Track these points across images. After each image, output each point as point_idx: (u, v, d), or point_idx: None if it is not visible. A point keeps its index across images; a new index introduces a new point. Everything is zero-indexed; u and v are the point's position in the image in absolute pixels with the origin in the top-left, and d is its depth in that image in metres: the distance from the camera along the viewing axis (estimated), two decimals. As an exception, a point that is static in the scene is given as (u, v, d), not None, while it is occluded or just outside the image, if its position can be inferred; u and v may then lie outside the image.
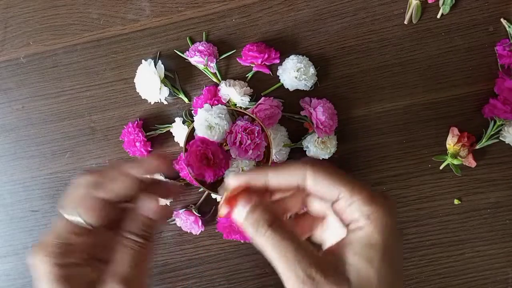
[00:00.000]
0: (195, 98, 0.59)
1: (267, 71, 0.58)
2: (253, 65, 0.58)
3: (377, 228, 0.29)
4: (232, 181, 0.32)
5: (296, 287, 0.28)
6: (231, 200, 0.32)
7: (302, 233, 0.35)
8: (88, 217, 0.34)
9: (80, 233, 0.35)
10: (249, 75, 0.59)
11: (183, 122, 0.58)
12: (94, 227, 0.35)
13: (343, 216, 0.30)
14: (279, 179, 0.32)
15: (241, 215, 0.31)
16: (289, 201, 0.34)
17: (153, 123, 0.60)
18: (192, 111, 0.59)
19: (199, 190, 0.60)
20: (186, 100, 0.59)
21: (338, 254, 0.29)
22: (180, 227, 0.59)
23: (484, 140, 0.57)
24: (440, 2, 0.57)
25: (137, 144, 0.57)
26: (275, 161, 0.57)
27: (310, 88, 0.57)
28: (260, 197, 0.32)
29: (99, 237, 0.37)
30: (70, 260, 0.34)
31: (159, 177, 0.58)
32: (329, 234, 0.34)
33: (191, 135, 0.55)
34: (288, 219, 0.35)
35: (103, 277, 0.34)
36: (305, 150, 0.58)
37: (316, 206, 0.34)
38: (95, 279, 0.34)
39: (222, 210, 0.32)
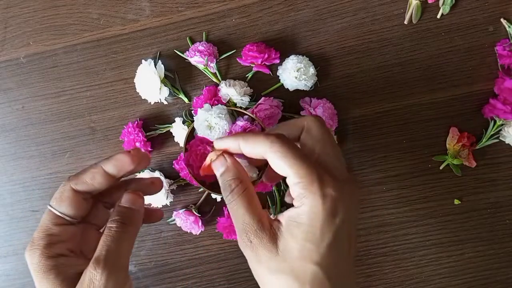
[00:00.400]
0: (195, 98, 0.59)
1: (267, 71, 0.58)
2: (253, 65, 0.58)
3: (306, 211, 0.32)
4: (216, 144, 0.38)
5: (241, 246, 0.34)
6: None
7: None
8: (60, 207, 0.38)
9: (60, 223, 0.38)
10: (249, 75, 0.59)
11: (183, 122, 0.58)
12: (72, 218, 0.38)
13: (291, 192, 0.34)
14: (247, 148, 0.35)
15: (217, 174, 0.37)
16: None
17: (153, 123, 0.60)
18: (192, 111, 0.59)
19: (199, 190, 0.60)
20: (186, 100, 0.59)
21: (280, 223, 0.34)
22: (180, 227, 0.59)
23: (484, 140, 0.57)
24: (440, 2, 0.57)
25: (137, 144, 0.57)
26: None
27: (310, 88, 0.57)
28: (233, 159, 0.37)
29: (86, 233, 0.40)
30: (55, 251, 0.37)
31: (156, 174, 0.58)
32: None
33: (191, 135, 0.55)
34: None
35: None
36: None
37: None
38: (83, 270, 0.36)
39: (204, 170, 0.38)
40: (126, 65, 0.60)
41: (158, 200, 0.58)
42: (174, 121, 0.59)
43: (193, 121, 0.55)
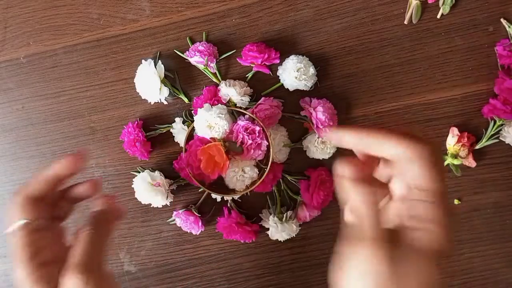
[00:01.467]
0: (195, 98, 0.59)
1: (267, 71, 0.58)
2: (253, 65, 0.58)
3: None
4: (335, 135, 0.34)
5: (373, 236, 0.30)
6: None
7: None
8: (21, 215, 0.38)
9: (32, 230, 0.38)
10: (249, 75, 0.59)
11: (183, 122, 0.58)
12: (37, 220, 0.39)
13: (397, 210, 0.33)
14: (378, 150, 0.32)
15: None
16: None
17: (153, 123, 0.60)
18: (192, 111, 0.59)
19: (199, 190, 0.60)
20: (186, 100, 0.59)
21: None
22: (180, 227, 0.59)
23: (484, 140, 0.57)
24: (440, 2, 0.57)
25: (137, 144, 0.57)
26: (275, 161, 0.57)
27: (310, 88, 0.57)
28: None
29: (61, 238, 0.41)
30: (38, 261, 0.37)
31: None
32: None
33: (191, 135, 0.55)
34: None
35: None
36: (305, 150, 0.58)
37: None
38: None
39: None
40: (126, 65, 0.60)
41: (158, 200, 0.58)
42: (174, 121, 0.59)
43: (193, 121, 0.55)
